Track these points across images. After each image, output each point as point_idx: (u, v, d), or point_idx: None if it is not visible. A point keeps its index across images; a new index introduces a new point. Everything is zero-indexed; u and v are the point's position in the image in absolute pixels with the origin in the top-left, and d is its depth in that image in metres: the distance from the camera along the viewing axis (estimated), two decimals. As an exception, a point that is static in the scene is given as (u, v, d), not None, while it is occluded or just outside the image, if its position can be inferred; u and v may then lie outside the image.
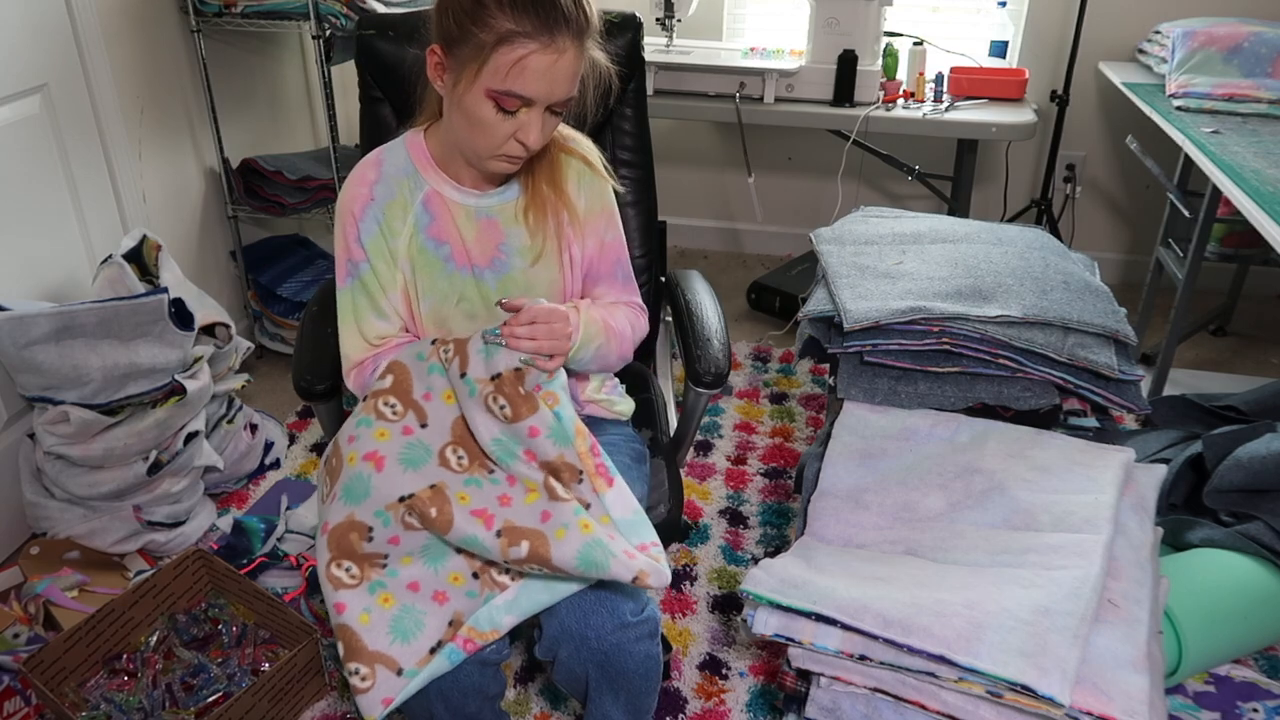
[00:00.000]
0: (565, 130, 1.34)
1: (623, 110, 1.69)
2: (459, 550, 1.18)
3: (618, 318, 1.34)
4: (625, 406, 1.46)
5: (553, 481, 1.19)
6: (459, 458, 1.22)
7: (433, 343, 1.26)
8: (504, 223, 1.30)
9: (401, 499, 1.18)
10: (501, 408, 1.19)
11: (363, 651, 1.14)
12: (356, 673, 1.14)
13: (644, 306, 1.44)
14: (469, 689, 1.22)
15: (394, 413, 1.24)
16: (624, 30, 1.63)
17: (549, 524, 1.15)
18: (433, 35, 1.16)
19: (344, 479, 1.21)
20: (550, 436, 1.19)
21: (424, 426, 1.23)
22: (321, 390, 1.37)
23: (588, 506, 1.19)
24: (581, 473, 1.20)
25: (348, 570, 1.19)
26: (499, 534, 1.15)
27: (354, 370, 1.32)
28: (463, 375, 1.21)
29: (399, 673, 1.13)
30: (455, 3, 1.12)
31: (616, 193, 1.37)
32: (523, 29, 1.08)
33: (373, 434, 1.22)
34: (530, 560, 1.13)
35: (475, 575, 1.17)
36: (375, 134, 1.61)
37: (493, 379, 1.19)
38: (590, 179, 1.33)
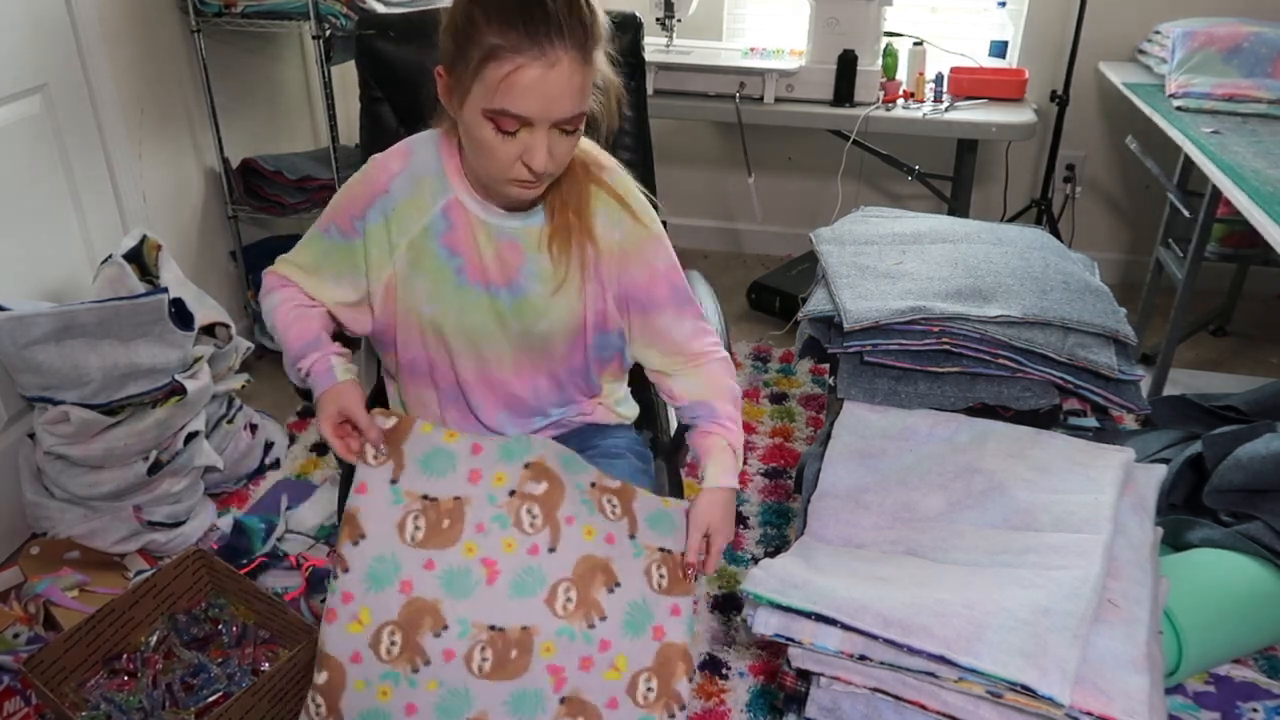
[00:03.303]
0: (604, 160, 1.26)
1: (622, 110, 1.69)
2: None
3: (728, 395, 1.30)
4: (630, 410, 1.46)
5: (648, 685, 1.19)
6: (568, 600, 1.19)
7: (592, 485, 1.23)
8: (526, 247, 1.22)
9: (492, 627, 1.17)
10: (660, 578, 1.22)
11: (334, 695, 1.14)
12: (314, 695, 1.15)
13: (709, 327, 1.34)
14: None
15: (532, 525, 1.20)
16: (624, 30, 1.64)
17: (615, 713, 1.16)
18: (439, 57, 1.12)
19: (451, 564, 1.18)
20: (684, 623, 1.22)
21: (552, 551, 1.20)
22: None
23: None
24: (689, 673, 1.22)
25: (392, 642, 1.15)
26: (562, 700, 1.16)
27: (290, 279, 1.28)
28: (631, 536, 1.23)
29: None
30: (452, 20, 1.09)
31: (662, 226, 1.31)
32: (508, 42, 1.03)
33: (501, 540, 1.19)
34: None
35: None
36: (375, 134, 1.61)
37: (661, 550, 1.23)
38: (621, 214, 1.24)
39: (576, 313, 1.26)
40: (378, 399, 1.53)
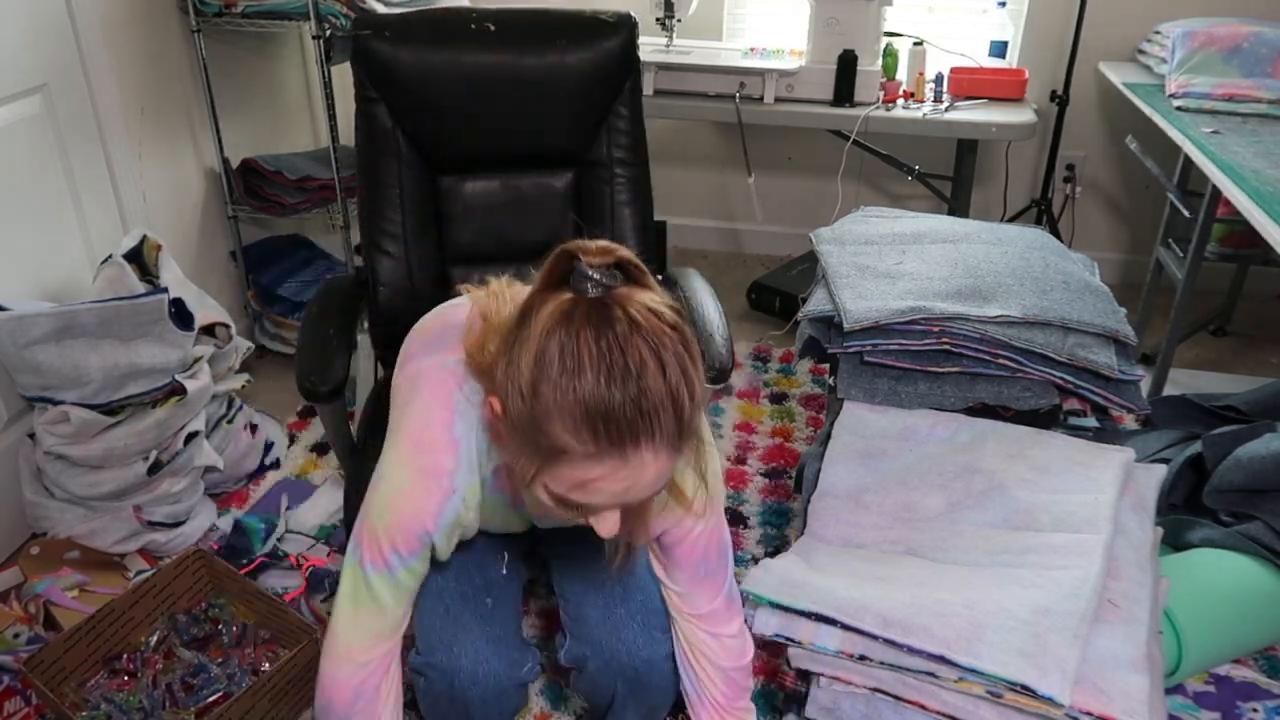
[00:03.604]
0: None
1: (619, 110, 1.69)
2: None
3: (733, 683, 1.23)
4: None
5: None
6: None
7: None
8: None
9: None
10: None
11: None
12: None
13: (734, 610, 1.23)
14: (506, 711, 1.23)
15: None
16: (619, 30, 1.64)
17: None
18: (487, 383, 0.95)
19: None
20: None
21: None
22: (326, 391, 1.37)
23: None
24: None
25: None
26: None
27: (358, 682, 1.10)
28: None
29: None
30: (517, 372, 0.86)
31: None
32: (583, 447, 0.84)
33: None
34: None
35: None
36: (370, 134, 1.61)
37: None
38: (669, 498, 1.09)
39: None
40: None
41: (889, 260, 1.87)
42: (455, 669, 1.17)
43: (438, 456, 1.02)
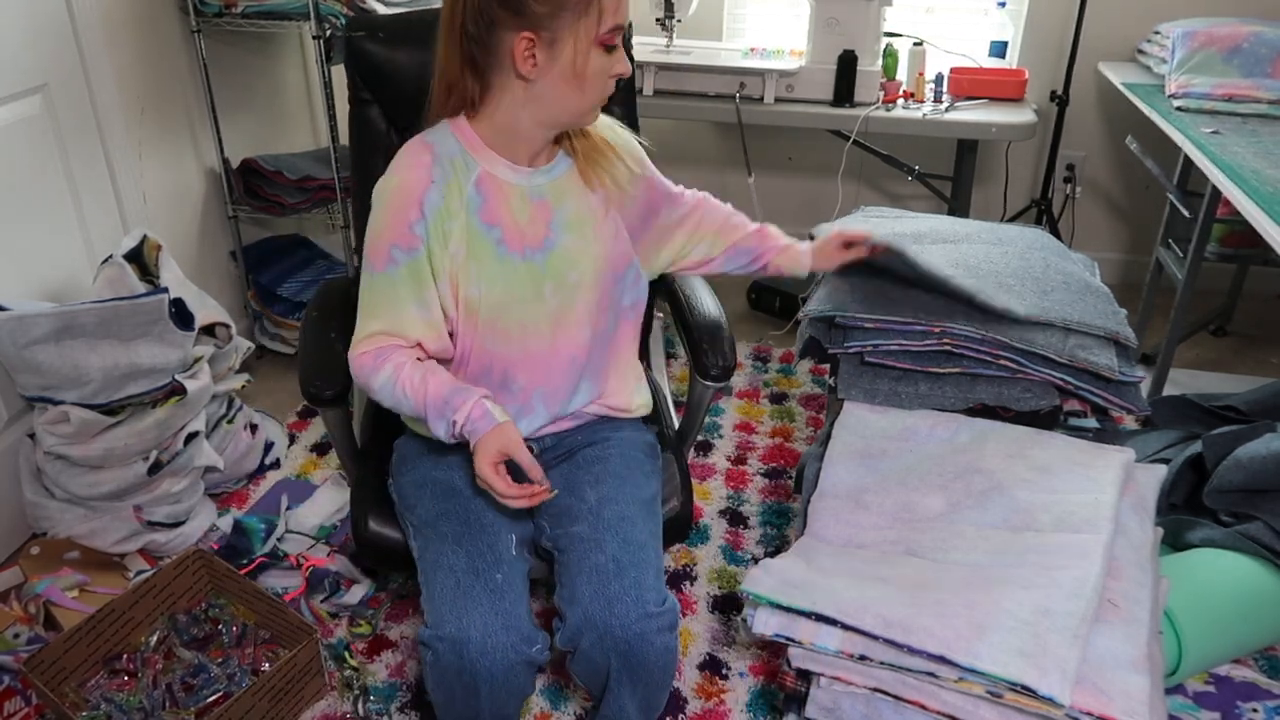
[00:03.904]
0: None
1: (612, 109, 1.69)
2: None
3: (736, 217, 1.56)
4: (643, 398, 1.50)
5: None
6: None
7: None
8: (553, 199, 1.31)
9: None
10: None
11: None
12: None
13: (684, 190, 1.51)
14: (514, 690, 1.23)
15: None
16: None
17: None
18: (511, 25, 1.16)
19: None
20: None
21: None
22: (330, 396, 1.37)
23: None
24: None
25: None
26: None
27: (376, 349, 1.26)
28: None
29: None
30: None
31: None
32: None
33: None
34: None
35: None
36: (363, 136, 1.60)
37: None
38: (615, 131, 1.39)
39: (600, 254, 1.34)
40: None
41: (889, 260, 1.87)
42: (465, 640, 1.17)
43: (416, 155, 1.26)
